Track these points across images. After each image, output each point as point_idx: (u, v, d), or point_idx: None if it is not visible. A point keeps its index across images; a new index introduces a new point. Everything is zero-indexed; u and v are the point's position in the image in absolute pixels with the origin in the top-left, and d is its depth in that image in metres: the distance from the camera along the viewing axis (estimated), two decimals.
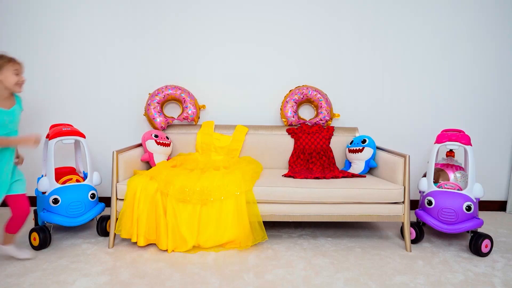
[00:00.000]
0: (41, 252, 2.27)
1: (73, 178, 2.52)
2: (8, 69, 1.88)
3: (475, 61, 3.23)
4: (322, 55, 3.20)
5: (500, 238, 2.65)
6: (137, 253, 2.27)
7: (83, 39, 3.11)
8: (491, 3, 3.17)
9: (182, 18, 3.12)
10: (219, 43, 3.16)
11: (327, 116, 3.06)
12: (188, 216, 2.29)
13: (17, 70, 1.91)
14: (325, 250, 2.39)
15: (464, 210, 2.30)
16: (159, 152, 2.80)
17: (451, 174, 2.64)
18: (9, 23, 3.05)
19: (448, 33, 3.20)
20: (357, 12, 3.16)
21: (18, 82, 1.91)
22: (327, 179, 2.56)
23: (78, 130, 2.55)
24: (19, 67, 1.92)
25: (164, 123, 2.98)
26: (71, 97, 3.15)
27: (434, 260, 2.26)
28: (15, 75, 1.90)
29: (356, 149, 2.83)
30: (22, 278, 1.94)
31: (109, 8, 3.09)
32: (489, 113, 3.28)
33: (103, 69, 3.14)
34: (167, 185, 2.33)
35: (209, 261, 2.18)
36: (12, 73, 1.89)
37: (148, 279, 1.96)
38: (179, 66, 3.17)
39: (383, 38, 3.19)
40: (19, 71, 1.91)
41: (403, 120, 3.27)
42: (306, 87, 3.09)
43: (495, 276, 2.07)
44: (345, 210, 2.40)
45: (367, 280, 2.00)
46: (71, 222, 2.31)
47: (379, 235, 2.67)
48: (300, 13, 3.15)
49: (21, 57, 3.03)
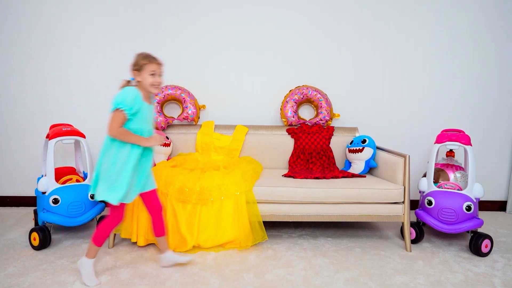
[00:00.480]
0: (41, 252, 2.27)
1: (73, 178, 2.52)
2: (146, 70, 1.88)
3: (475, 61, 3.23)
4: (322, 55, 3.20)
5: (500, 238, 2.65)
6: (137, 253, 2.27)
7: (83, 39, 3.11)
8: (491, 3, 3.17)
9: (182, 18, 3.12)
10: (219, 42, 3.15)
11: (327, 116, 3.06)
12: (188, 216, 2.29)
13: (154, 71, 1.89)
14: (325, 250, 2.39)
15: (464, 210, 2.30)
16: (159, 152, 2.79)
17: (451, 174, 2.64)
18: (9, 23, 3.05)
19: (448, 33, 3.20)
20: (357, 12, 3.16)
21: (153, 83, 1.89)
22: (327, 179, 2.56)
23: (78, 130, 2.55)
24: (155, 68, 1.89)
25: (164, 123, 2.98)
26: (71, 97, 3.15)
27: (434, 260, 2.26)
28: (151, 75, 1.89)
29: (356, 149, 2.83)
30: (22, 278, 1.94)
31: (109, 8, 3.09)
32: (489, 113, 3.28)
33: (103, 69, 3.14)
34: (167, 185, 2.33)
35: (209, 261, 2.18)
36: (149, 74, 1.89)
37: (148, 279, 1.96)
38: (179, 66, 3.16)
39: (383, 38, 3.19)
40: (155, 72, 1.89)
41: (403, 120, 3.27)
42: (306, 87, 3.09)
43: (495, 276, 2.07)
44: (345, 210, 2.40)
45: (367, 280, 2.00)
46: (71, 222, 2.31)
47: (379, 235, 2.67)
48: (300, 13, 3.15)
49: (21, 57, 3.10)
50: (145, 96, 1.93)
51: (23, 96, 3.13)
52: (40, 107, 3.14)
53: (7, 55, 3.08)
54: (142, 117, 1.89)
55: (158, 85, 1.93)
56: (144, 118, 1.91)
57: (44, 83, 3.12)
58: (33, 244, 2.30)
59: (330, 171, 2.81)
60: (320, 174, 2.68)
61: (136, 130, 1.87)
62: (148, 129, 1.95)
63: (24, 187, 3.20)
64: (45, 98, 3.14)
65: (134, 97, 1.83)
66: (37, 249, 2.30)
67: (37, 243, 2.28)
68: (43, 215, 2.33)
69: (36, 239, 2.28)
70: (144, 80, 1.89)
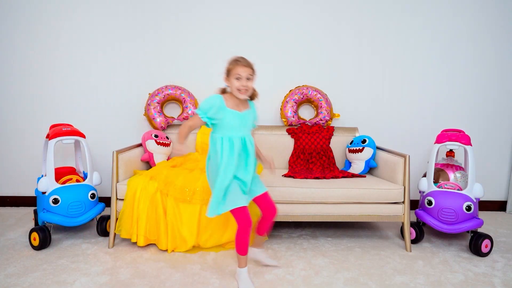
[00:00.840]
0: (41, 252, 2.27)
1: (73, 178, 2.52)
2: (232, 74, 1.83)
3: (475, 61, 3.23)
4: (322, 55, 3.20)
5: (500, 238, 2.65)
6: (137, 253, 2.27)
7: (83, 38, 3.11)
8: (490, 3, 3.17)
9: (182, 18, 3.12)
10: (219, 43, 3.15)
11: (327, 116, 3.06)
12: (188, 216, 2.29)
13: (239, 75, 1.82)
14: (325, 250, 2.39)
15: (464, 210, 2.30)
16: (159, 152, 2.80)
17: (451, 174, 2.64)
18: (9, 23, 3.05)
19: (448, 33, 3.20)
20: (358, 12, 3.16)
21: (238, 87, 1.83)
22: (327, 179, 2.56)
23: (78, 130, 2.55)
24: (241, 70, 1.82)
25: (164, 123, 2.98)
26: (71, 97, 3.15)
27: (434, 260, 2.26)
28: (237, 79, 1.83)
29: (356, 149, 2.83)
30: (22, 278, 1.94)
31: (109, 8, 3.09)
32: (489, 113, 3.28)
33: (103, 69, 3.14)
34: (167, 185, 2.33)
35: (209, 261, 2.18)
36: (235, 78, 1.83)
37: (148, 279, 1.96)
38: (179, 66, 3.17)
39: (383, 38, 3.19)
40: (241, 76, 1.82)
41: (403, 120, 3.27)
42: (306, 87, 3.09)
43: (495, 276, 2.07)
44: (345, 210, 2.40)
45: (367, 280, 2.00)
46: (71, 222, 2.31)
47: (379, 235, 2.67)
48: (300, 13, 3.15)
49: (21, 57, 3.10)
50: (235, 103, 1.88)
51: (23, 96, 3.13)
52: (40, 107, 3.14)
53: (7, 55, 3.09)
54: (225, 125, 1.86)
55: (245, 89, 1.84)
56: (227, 126, 1.86)
57: (44, 83, 3.13)
58: (33, 244, 2.30)
59: (330, 171, 2.81)
60: (320, 174, 2.68)
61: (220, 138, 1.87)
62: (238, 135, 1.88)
63: (24, 187, 3.20)
64: (45, 98, 3.14)
65: (210, 104, 1.81)
66: (37, 249, 2.29)
67: (37, 243, 2.28)
68: (43, 215, 2.33)
69: (36, 239, 2.28)
70: (231, 85, 1.85)
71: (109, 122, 3.18)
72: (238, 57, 1.88)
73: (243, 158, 1.91)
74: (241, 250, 1.87)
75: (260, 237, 2.10)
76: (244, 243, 1.85)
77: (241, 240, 1.85)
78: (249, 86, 1.87)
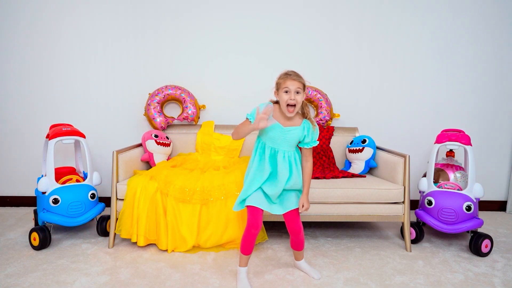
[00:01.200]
0: (41, 252, 2.27)
1: (73, 178, 2.52)
2: (281, 88, 1.77)
3: (475, 61, 3.23)
4: (322, 54, 3.19)
5: (500, 238, 2.65)
6: (137, 253, 2.27)
7: (82, 38, 3.11)
8: (491, 3, 3.17)
9: (182, 18, 3.12)
10: (219, 43, 3.16)
11: (327, 116, 3.06)
12: (188, 216, 2.29)
13: (287, 88, 1.74)
14: (325, 250, 2.39)
15: (464, 210, 2.30)
16: (159, 152, 2.80)
17: (451, 174, 2.64)
18: (8, 23, 3.05)
19: (447, 33, 3.20)
20: (357, 12, 3.16)
21: (287, 101, 1.75)
22: (327, 179, 2.56)
23: (78, 130, 2.55)
24: (290, 84, 1.74)
25: (164, 123, 2.98)
26: (71, 97, 3.15)
27: (434, 260, 2.26)
28: (285, 93, 1.75)
29: (356, 149, 2.83)
30: (22, 278, 1.94)
31: (109, 7, 3.09)
32: (489, 113, 3.28)
33: (103, 69, 3.14)
34: (167, 185, 2.33)
35: (209, 261, 2.18)
36: (283, 92, 1.76)
37: (148, 279, 1.96)
38: (179, 66, 3.17)
39: (383, 38, 3.19)
40: (289, 90, 1.74)
41: (403, 120, 3.27)
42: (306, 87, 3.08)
43: (495, 276, 2.07)
44: (345, 210, 2.40)
45: (367, 280, 2.00)
46: (71, 222, 2.31)
47: (379, 235, 2.67)
48: (300, 13, 3.15)
49: (20, 57, 3.10)
50: (282, 116, 1.85)
51: (23, 96, 3.13)
52: (40, 107, 3.14)
53: (7, 55, 3.09)
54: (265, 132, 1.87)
55: (291, 104, 1.77)
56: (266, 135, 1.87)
57: (44, 83, 3.13)
58: (33, 244, 2.30)
59: (330, 171, 2.81)
60: (320, 174, 2.68)
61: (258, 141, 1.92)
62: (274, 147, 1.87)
63: (24, 187, 3.20)
64: (45, 98, 3.14)
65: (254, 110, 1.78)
66: (37, 249, 2.29)
67: (37, 243, 2.28)
68: (43, 215, 2.33)
69: (36, 239, 2.28)
70: (281, 99, 1.80)
71: (109, 122, 3.18)
72: (288, 71, 1.83)
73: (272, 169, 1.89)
74: (243, 249, 1.88)
75: (294, 250, 2.08)
76: (247, 243, 1.86)
77: (245, 240, 1.86)
78: (298, 100, 1.78)
